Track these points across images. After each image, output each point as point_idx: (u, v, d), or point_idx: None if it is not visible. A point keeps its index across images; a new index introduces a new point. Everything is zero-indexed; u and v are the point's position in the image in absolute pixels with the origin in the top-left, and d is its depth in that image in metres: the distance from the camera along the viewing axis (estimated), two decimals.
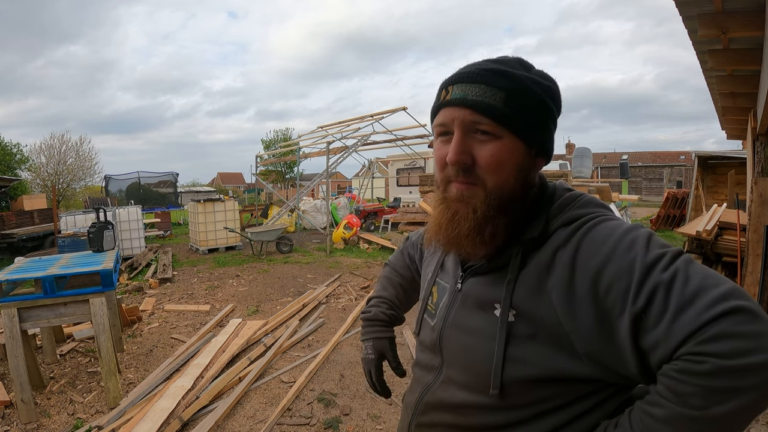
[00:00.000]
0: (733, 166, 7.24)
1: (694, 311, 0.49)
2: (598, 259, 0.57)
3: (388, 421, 2.72)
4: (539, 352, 0.61)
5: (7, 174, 13.79)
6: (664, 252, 0.54)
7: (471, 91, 0.63)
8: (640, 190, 25.50)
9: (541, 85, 0.65)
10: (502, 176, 0.63)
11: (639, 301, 0.52)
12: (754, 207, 3.35)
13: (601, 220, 0.62)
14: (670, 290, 0.51)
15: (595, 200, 0.68)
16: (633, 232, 0.58)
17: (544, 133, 0.67)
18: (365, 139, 10.98)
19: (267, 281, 6.40)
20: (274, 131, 35.41)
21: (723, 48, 2.72)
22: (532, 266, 0.63)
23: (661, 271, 0.52)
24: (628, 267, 0.54)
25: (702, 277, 0.51)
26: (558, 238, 0.62)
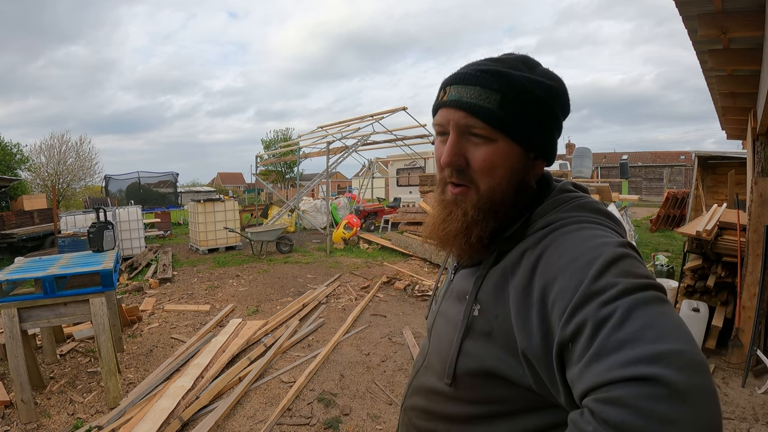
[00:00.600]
0: (733, 166, 7.24)
1: (607, 363, 0.43)
2: (554, 268, 0.53)
3: (388, 421, 2.72)
4: (490, 350, 0.60)
5: (7, 174, 13.78)
6: (615, 283, 0.47)
7: (466, 93, 0.62)
8: (640, 190, 25.49)
9: (542, 85, 0.63)
10: (494, 179, 0.63)
11: (567, 330, 0.48)
12: (754, 207, 3.35)
13: (578, 228, 0.58)
14: (597, 330, 0.45)
15: (589, 204, 0.64)
16: (599, 249, 0.52)
17: (544, 135, 0.65)
18: (365, 139, 10.98)
19: (267, 281, 6.40)
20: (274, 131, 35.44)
21: (723, 48, 2.71)
22: (501, 264, 0.63)
23: (599, 305, 0.46)
24: (573, 288, 0.49)
25: (641, 327, 0.43)
26: (531, 240, 0.61)
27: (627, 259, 0.51)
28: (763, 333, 3.28)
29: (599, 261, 0.50)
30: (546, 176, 0.70)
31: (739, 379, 3.12)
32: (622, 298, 0.46)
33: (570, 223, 0.59)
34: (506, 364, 0.58)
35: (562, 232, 0.58)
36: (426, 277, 6.28)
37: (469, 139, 0.63)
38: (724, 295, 3.70)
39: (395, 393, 3.05)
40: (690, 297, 3.77)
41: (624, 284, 0.47)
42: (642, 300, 0.45)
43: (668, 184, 23.80)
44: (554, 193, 0.67)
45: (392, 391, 3.07)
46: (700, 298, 3.71)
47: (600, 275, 0.49)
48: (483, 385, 0.62)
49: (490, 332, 0.60)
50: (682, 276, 4.02)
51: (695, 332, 3.48)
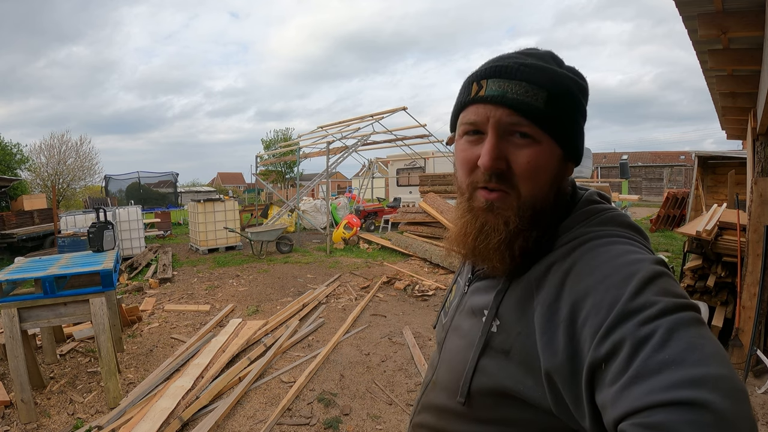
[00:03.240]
0: (733, 166, 7.24)
1: (649, 385, 0.40)
2: (585, 284, 0.50)
3: (388, 421, 2.72)
4: (508, 369, 0.57)
5: (7, 174, 13.78)
6: (655, 301, 0.44)
7: (511, 89, 0.56)
8: (640, 190, 25.48)
9: (577, 83, 0.60)
10: (537, 184, 0.58)
11: (601, 349, 0.45)
12: (754, 207, 3.35)
13: (610, 242, 0.54)
14: (637, 350, 0.42)
15: (619, 218, 0.60)
16: (636, 265, 0.49)
17: (579, 136, 0.61)
18: (365, 139, 10.98)
19: (267, 281, 6.40)
20: (275, 131, 35.42)
21: (723, 48, 2.72)
22: (525, 278, 0.59)
23: (638, 323, 0.43)
24: (609, 304, 0.46)
25: (684, 349, 0.40)
26: (558, 253, 0.57)
27: (664, 278, 0.48)
28: (763, 333, 3.28)
29: (637, 278, 0.47)
30: (572, 182, 0.66)
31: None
32: (663, 317, 0.43)
33: (600, 237, 0.56)
34: (524, 385, 0.55)
35: (593, 245, 0.54)
36: (426, 277, 6.28)
37: (510, 139, 0.58)
38: (724, 295, 3.70)
39: (395, 393, 3.06)
40: (690, 297, 3.77)
41: (664, 303, 0.44)
42: (683, 321, 0.43)
43: (668, 184, 23.80)
44: (581, 204, 0.62)
45: (392, 391, 3.07)
46: (700, 298, 3.71)
47: (638, 293, 0.46)
48: (497, 405, 0.59)
49: (509, 350, 0.57)
50: (682, 276, 4.02)
51: None
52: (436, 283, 5.89)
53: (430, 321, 4.53)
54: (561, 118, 0.58)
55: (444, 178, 9.59)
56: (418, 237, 8.25)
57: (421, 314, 4.76)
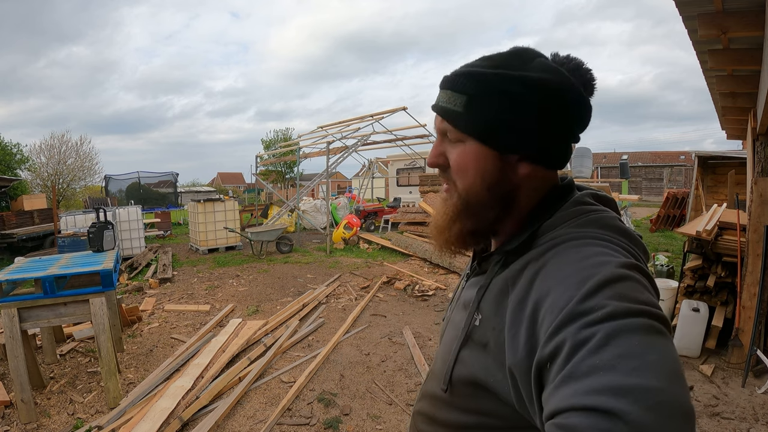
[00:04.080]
0: (733, 166, 7.24)
1: (573, 388, 0.40)
2: (548, 283, 0.51)
3: (388, 421, 2.72)
4: (483, 361, 0.59)
5: (7, 174, 13.77)
6: (603, 305, 0.44)
7: (441, 97, 0.63)
8: (640, 190, 25.47)
9: (523, 80, 0.58)
10: (467, 180, 0.62)
11: (546, 349, 0.45)
12: (754, 207, 3.35)
13: (583, 244, 0.54)
14: (573, 352, 0.42)
15: (603, 220, 0.59)
16: (599, 268, 0.48)
17: (525, 135, 0.59)
18: (365, 139, 10.98)
19: (267, 281, 6.40)
20: (275, 131, 35.42)
21: (723, 48, 2.72)
22: (504, 275, 0.61)
23: (581, 326, 0.43)
24: (561, 305, 0.46)
25: (618, 355, 0.39)
26: (535, 252, 0.58)
27: (626, 282, 0.47)
28: (763, 333, 3.28)
29: (593, 280, 0.47)
30: (565, 185, 0.65)
31: (739, 379, 3.12)
32: (606, 321, 0.42)
33: (577, 238, 0.56)
34: (495, 378, 0.57)
35: (567, 246, 0.55)
36: (426, 277, 6.28)
37: (448, 140, 0.65)
38: (724, 295, 3.70)
39: (395, 393, 3.06)
40: (690, 297, 3.77)
41: (613, 307, 0.43)
42: (629, 326, 0.42)
43: (668, 184, 23.80)
44: (568, 204, 0.62)
45: (392, 391, 3.07)
46: (700, 298, 3.71)
47: (590, 295, 0.45)
48: (474, 395, 0.62)
49: (487, 343, 0.59)
50: (682, 276, 4.02)
51: (695, 332, 3.48)
52: (436, 283, 5.89)
53: (430, 321, 4.53)
54: (482, 119, 0.59)
55: None
56: (418, 237, 8.25)
57: (421, 314, 4.76)
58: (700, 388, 3.04)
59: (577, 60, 0.62)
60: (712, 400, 2.88)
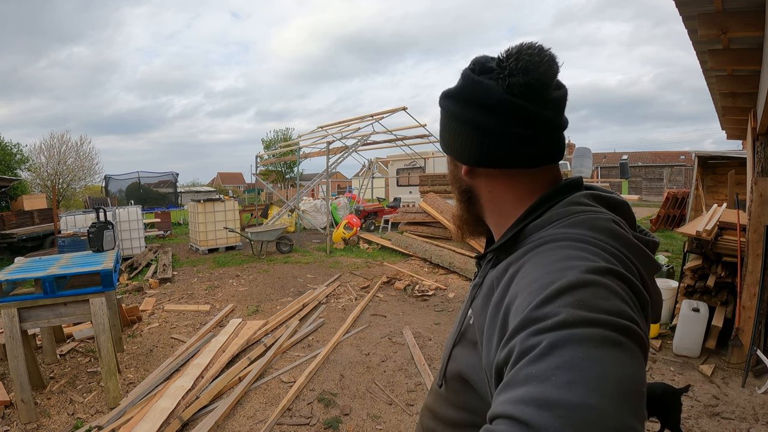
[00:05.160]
0: (733, 166, 7.24)
1: (508, 395, 0.39)
2: (519, 286, 0.50)
3: (388, 421, 2.72)
4: (471, 359, 0.60)
5: (7, 174, 13.77)
6: (556, 313, 0.42)
7: None
8: (640, 190, 25.47)
9: (449, 93, 0.65)
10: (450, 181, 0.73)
11: (501, 353, 0.45)
12: (754, 207, 3.35)
13: (560, 246, 0.52)
14: (517, 360, 0.41)
15: (592, 221, 0.55)
16: (563, 272, 0.46)
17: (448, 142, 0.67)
18: (365, 139, 10.98)
19: (267, 281, 6.40)
20: (275, 131, 35.41)
21: (723, 48, 2.72)
22: (492, 275, 0.61)
23: (530, 333, 0.42)
24: (522, 309, 0.45)
25: (557, 367, 0.37)
26: (518, 253, 0.57)
27: (591, 288, 0.44)
28: (763, 333, 3.28)
29: (554, 285, 0.44)
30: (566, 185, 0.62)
31: (739, 379, 3.12)
32: (554, 330, 0.40)
33: (558, 240, 0.53)
34: (479, 377, 0.58)
35: (544, 248, 0.53)
36: (426, 277, 6.28)
37: None
38: (724, 295, 3.70)
39: (395, 393, 3.05)
40: (690, 297, 3.77)
41: (565, 315, 0.41)
42: (578, 337, 0.39)
43: (668, 184, 23.80)
44: (560, 204, 0.59)
45: (392, 391, 3.07)
46: (700, 298, 3.71)
47: (547, 301, 0.43)
48: (464, 392, 0.63)
49: (476, 342, 0.59)
50: (682, 276, 4.02)
51: (695, 332, 3.48)
52: (436, 283, 5.89)
53: (430, 321, 4.53)
54: (440, 128, 0.70)
55: (444, 178, 9.59)
56: (418, 237, 8.25)
57: (421, 314, 4.76)
58: (700, 388, 3.04)
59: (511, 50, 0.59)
60: (712, 400, 2.88)
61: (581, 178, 0.65)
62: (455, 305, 5.05)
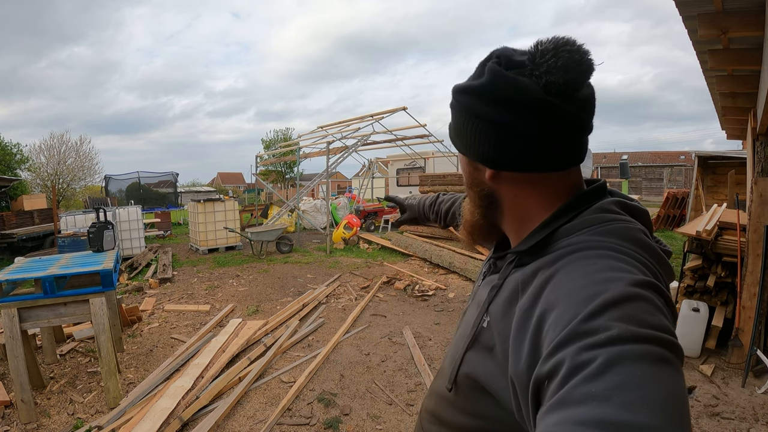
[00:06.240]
0: (733, 166, 7.25)
1: (564, 415, 0.38)
2: (555, 295, 0.49)
3: (388, 421, 2.72)
4: (488, 365, 0.58)
5: (7, 174, 13.78)
6: (607, 327, 0.41)
7: None
8: (640, 190, 25.47)
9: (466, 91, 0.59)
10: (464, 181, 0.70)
11: (545, 366, 0.43)
12: (754, 207, 3.35)
13: (598, 255, 0.51)
14: (570, 376, 0.39)
15: (624, 230, 0.54)
16: (608, 284, 0.45)
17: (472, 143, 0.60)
18: (365, 139, 10.98)
19: (267, 281, 6.40)
20: (275, 131, 35.40)
21: (723, 48, 2.72)
22: (516, 277, 0.59)
23: (581, 348, 0.40)
24: (565, 322, 0.44)
25: (616, 386, 0.37)
26: (547, 258, 0.55)
27: (637, 303, 0.43)
28: (763, 333, 3.28)
29: (601, 298, 0.44)
30: (593, 189, 0.61)
31: (739, 379, 3.12)
32: (608, 346, 0.39)
33: (592, 248, 0.52)
34: (498, 384, 0.56)
35: (579, 256, 0.52)
36: (426, 277, 6.28)
37: None
38: (724, 295, 3.70)
39: (395, 393, 3.06)
40: (690, 297, 3.77)
41: (618, 331, 0.40)
42: (633, 353, 0.39)
43: (668, 184, 23.80)
44: (590, 210, 0.58)
45: (392, 391, 3.07)
46: (700, 298, 3.71)
47: (595, 314, 0.42)
48: (476, 398, 0.61)
49: (493, 347, 0.58)
50: (682, 276, 4.02)
51: (695, 332, 3.48)
52: (436, 283, 5.89)
53: (430, 321, 4.53)
54: (453, 129, 0.65)
55: (444, 178, 9.59)
56: (418, 237, 8.25)
57: (421, 314, 4.76)
58: (700, 388, 3.04)
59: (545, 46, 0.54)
60: (712, 400, 2.88)
61: (605, 182, 0.64)
62: (455, 305, 5.05)
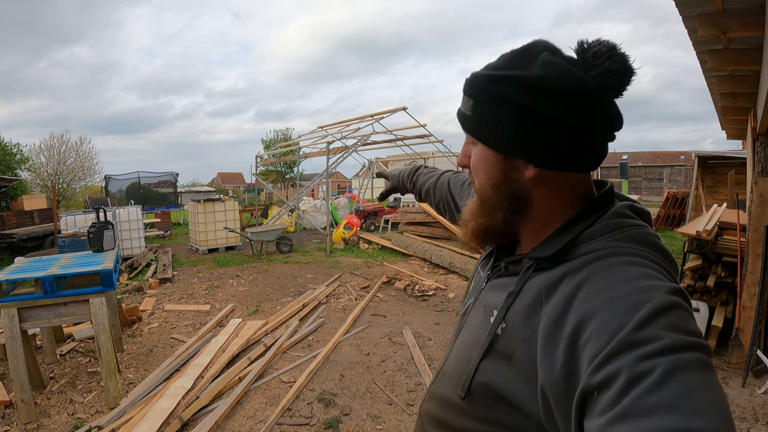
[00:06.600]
0: (733, 166, 7.25)
1: (633, 426, 0.38)
2: (593, 304, 0.49)
3: (388, 421, 2.72)
4: (506, 374, 0.57)
5: (7, 174, 13.78)
6: (660, 336, 0.42)
7: (462, 102, 0.66)
8: (640, 190, 25.47)
9: (519, 82, 0.56)
10: (479, 180, 0.66)
11: (596, 377, 0.43)
12: (754, 207, 3.35)
13: (627, 262, 0.52)
14: (630, 386, 0.40)
15: (645, 236, 0.56)
16: (649, 293, 0.46)
17: (523, 138, 0.57)
18: (365, 139, 10.98)
19: (267, 281, 6.40)
20: (275, 131, 35.39)
21: (723, 48, 2.72)
22: (536, 283, 0.58)
23: (637, 358, 0.41)
24: (612, 331, 0.44)
25: (679, 394, 0.38)
26: (573, 264, 0.55)
27: (677, 311, 0.45)
28: (763, 333, 3.28)
29: (647, 307, 0.45)
30: (606, 192, 0.62)
31: (739, 379, 3.12)
32: (665, 355, 0.41)
33: (619, 254, 0.53)
34: (520, 393, 0.55)
35: (609, 263, 0.52)
36: (426, 277, 6.28)
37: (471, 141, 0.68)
38: (724, 295, 3.70)
39: (395, 393, 3.06)
40: (690, 297, 3.77)
41: (670, 340, 0.42)
42: (686, 362, 0.41)
43: (668, 184, 23.80)
44: (608, 215, 0.58)
45: (392, 391, 3.07)
46: (700, 298, 3.71)
47: (644, 324, 0.43)
48: (494, 406, 0.60)
49: (511, 355, 0.57)
50: (682, 276, 4.02)
51: None
52: (436, 283, 5.89)
53: (430, 321, 4.53)
54: (484, 123, 0.60)
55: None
56: (418, 237, 8.25)
57: (421, 314, 4.76)
58: None
59: (598, 48, 0.55)
60: None
61: (612, 183, 0.65)
62: (455, 305, 5.05)
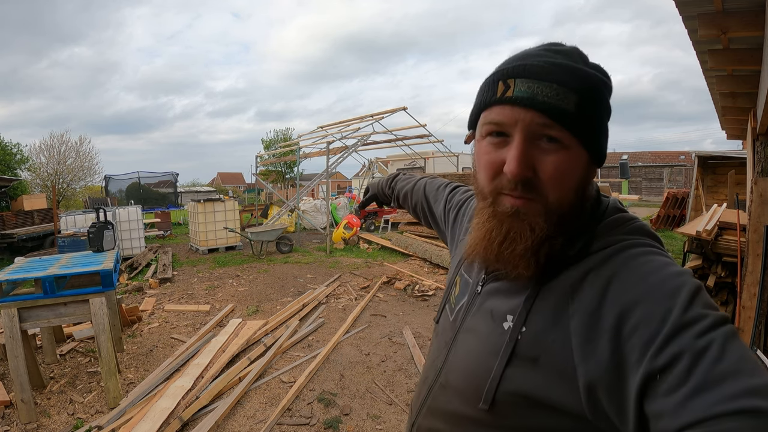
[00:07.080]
0: (733, 166, 7.25)
1: (713, 396, 0.41)
2: (632, 294, 0.51)
3: (388, 421, 2.72)
4: (537, 377, 0.56)
5: (7, 174, 13.77)
6: (705, 314, 0.47)
7: (541, 90, 0.54)
8: (640, 190, 25.48)
9: (604, 83, 0.58)
10: (564, 190, 0.56)
11: (659, 360, 0.45)
12: (754, 207, 3.35)
13: (647, 252, 0.55)
14: (697, 361, 0.43)
15: (645, 228, 0.61)
16: (680, 278, 0.51)
17: (604, 137, 0.59)
18: (365, 139, 10.98)
19: (267, 281, 6.40)
20: (275, 131, 35.35)
21: (723, 48, 2.72)
22: (556, 284, 0.57)
23: (695, 335, 0.45)
24: (661, 315, 0.47)
25: (738, 359, 0.43)
26: (594, 260, 0.56)
27: (703, 291, 0.50)
28: (763, 333, 3.28)
29: (684, 291, 0.49)
30: (596, 188, 0.65)
31: None
32: (715, 329, 0.45)
33: (635, 246, 0.56)
34: (556, 392, 0.54)
35: (631, 255, 0.55)
36: (426, 277, 6.28)
37: (537, 144, 0.55)
38: (724, 295, 3.70)
39: (395, 393, 3.06)
40: None
41: (714, 316, 0.46)
42: (731, 333, 0.46)
43: (668, 184, 23.80)
44: (610, 211, 0.62)
45: (392, 391, 3.07)
46: None
47: (689, 306, 0.47)
48: (524, 412, 0.57)
49: (538, 357, 0.56)
50: None
51: None
52: (436, 283, 5.89)
53: (430, 321, 4.53)
54: (589, 121, 0.56)
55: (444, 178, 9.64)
56: (418, 237, 8.25)
57: (421, 314, 4.76)
58: None
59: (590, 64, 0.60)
60: None
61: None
62: None
